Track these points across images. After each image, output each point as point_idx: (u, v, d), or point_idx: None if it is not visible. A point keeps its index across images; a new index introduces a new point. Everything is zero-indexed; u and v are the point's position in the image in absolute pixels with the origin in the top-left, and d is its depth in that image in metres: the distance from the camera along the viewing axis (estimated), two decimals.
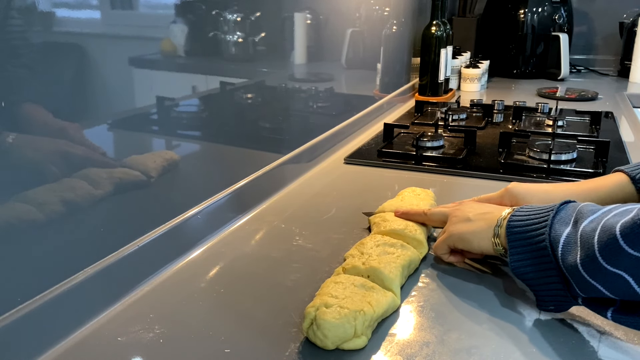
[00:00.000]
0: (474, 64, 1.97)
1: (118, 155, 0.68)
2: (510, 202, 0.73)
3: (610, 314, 0.54)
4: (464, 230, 0.67)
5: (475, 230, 0.66)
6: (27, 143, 0.56)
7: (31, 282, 0.56)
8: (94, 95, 0.65)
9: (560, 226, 0.57)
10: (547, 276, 0.58)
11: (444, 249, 0.71)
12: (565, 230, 0.56)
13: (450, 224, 0.70)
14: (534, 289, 0.61)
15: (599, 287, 0.52)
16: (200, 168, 0.85)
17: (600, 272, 0.51)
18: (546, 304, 0.60)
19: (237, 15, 0.92)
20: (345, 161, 1.17)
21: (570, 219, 0.57)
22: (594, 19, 2.46)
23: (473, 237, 0.66)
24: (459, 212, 0.70)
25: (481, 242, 0.65)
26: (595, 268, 0.52)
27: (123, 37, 0.69)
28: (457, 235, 0.68)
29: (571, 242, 0.55)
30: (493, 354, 0.55)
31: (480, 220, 0.67)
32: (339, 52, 1.39)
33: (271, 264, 0.74)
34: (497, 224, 0.64)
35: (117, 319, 0.61)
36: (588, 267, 0.52)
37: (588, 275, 0.53)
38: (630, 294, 0.51)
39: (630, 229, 0.49)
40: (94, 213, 0.64)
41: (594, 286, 0.53)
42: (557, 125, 1.38)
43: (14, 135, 0.54)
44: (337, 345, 0.55)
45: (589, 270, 0.52)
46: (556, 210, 0.59)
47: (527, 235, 0.59)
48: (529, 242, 0.59)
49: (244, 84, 0.98)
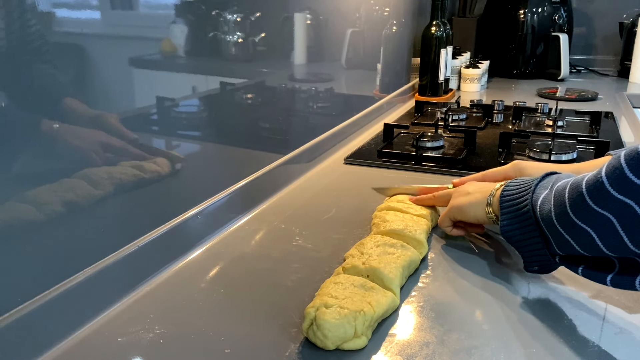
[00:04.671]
0: (474, 64, 1.97)
1: (118, 156, 0.68)
2: (516, 175, 0.78)
3: (581, 269, 0.59)
4: (462, 203, 0.75)
5: (472, 202, 0.74)
6: (27, 143, 0.56)
7: (31, 282, 0.56)
8: (94, 96, 0.65)
9: (540, 190, 0.63)
10: (530, 237, 0.63)
11: (446, 222, 0.79)
12: (543, 193, 0.62)
13: (452, 199, 0.78)
14: (520, 250, 0.66)
15: (571, 241, 0.57)
16: (200, 168, 0.85)
17: (570, 226, 0.56)
18: (531, 264, 0.66)
19: (237, 15, 0.92)
20: (345, 161, 1.17)
21: (549, 184, 0.62)
22: (593, 19, 2.46)
23: (469, 207, 0.74)
24: (461, 189, 0.78)
25: (477, 212, 0.73)
26: (566, 222, 0.56)
27: (123, 37, 0.69)
28: (456, 207, 0.76)
29: (547, 201, 0.60)
30: (493, 354, 0.55)
31: (477, 193, 0.74)
32: (339, 53, 1.39)
33: (271, 264, 0.74)
34: (491, 194, 0.71)
35: (117, 319, 0.61)
36: (560, 220, 0.57)
37: (561, 228, 0.57)
38: (596, 250, 0.54)
39: (594, 185, 0.52)
40: (94, 213, 0.64)
41: (567, 241, 0.57)
42: (557, 126, 1.38)
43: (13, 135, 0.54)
44: (337, 345, 0.55)
45: (561, 224, 0.57)
46: (540, 178, 0.65)
47: (515, 202, 0.66)
48: (516, 208, 0.65)
49: (244, 84, 0.98)
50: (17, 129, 0.55)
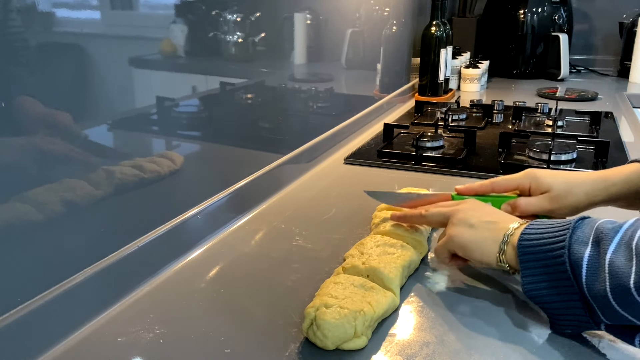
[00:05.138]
0: (474, 64, 1.98)
1: (118, 156, 0.68)
2: (531, 184, 0.70)
3: (639, 340, 0.52)
4: (465, 238, 0.63)
5: (479, 241, 0.62)
6: (27, 143, 0.56)
7: (31, 282, 0.56)
8: (94, 96, 0.65)
9: (580, 247, 0.53)
10: (566, 300, 0.54)
11: (444, 254, 0.67)
12: (585, 252, 0.53)
13: (452, 226, 0.66)
14: (550, 312, 0.57)
15: (629, 317, 0.50)
16: (200, 168, 0.85)
17: (633, 305, 0.49)
18: (562, 328, 0.57)
19: (237, 15, 0.92)
20: (345, 161, 1.17)
21: (589, 238, 0.54)
22: (593, 19, 2.46)
23: (476, 247, 0.62)
24: (461, 214, 0.66)
25: (484, 256, 0.62)
26: (628, 300, 0.49)
27: (123, 37, 0.69)
28: (459, 242, 0.64)
29: (596, 267, 0.52)
30: (493, 354, 0.55)
31: (484, 230, 0.63)
32: (338, 52, 1.39)
33: (271, 264, 0.74)
34: (504, 240, 0.60)
35: (117, 319, 0.61)
36: (620, 298, 0.49)
37: (619, 306, 0.50)
38: None
39: None
40: (94, 213, 0.64)
41: (623, 316, 0.50)
42: (557, 126, 1.38)
43: (13, 136, 0.54)
44: (337, 345, 0.55)
45: (621, 302, 0.50)
46: (573, 227, 0.55)
47: (543, 256, 0.55)
48: (544, 263, 0.55)
49: (244, 84, 0.98)
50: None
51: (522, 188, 0.71)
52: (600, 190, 0.67)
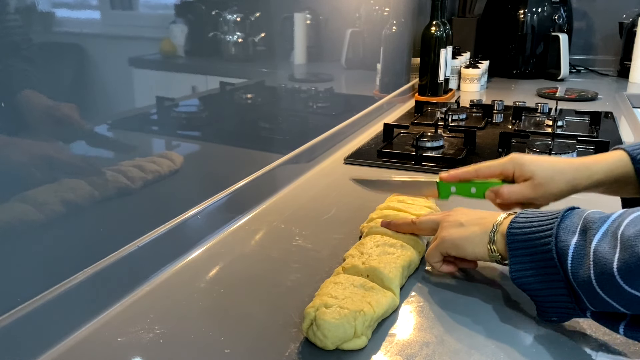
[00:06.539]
0: (474, 64, 1.98)
1: (118, 156, 0.68)
2: (515, 170, 0.70)
3: (623, 328, 0.52)
4: (456, 236, 0.65)
5: (469, 236, 0.64)
6: (27, 143, 0.56)
7: (31, 282, 0.56)
8: (93, 96, 0.65)
9: (567, 235, 0.54)
10: (552, 287, 0.55)
11: (436, 257, 0.68)
12: (572, 240, 0.53)
13: (442, 229, 0.67)
14: (536, 299, 0.58)
15: (613, 304, 0.50)
16: (200, 168, 0.85)
17: (617, 291, 0.49)
18: (548, 315, 0.58)
19: (237, 15, 0.92)
20: (345, 161, 1.17)
21: (577, 227, 0.54)
22: (593, 19, 2.46)
23: (467, 242, 0.64)
24: (451, 218, 0.67)
25: (475, 248, 0.63)
26: (612, 286, 0.49)
27: (123, 37, 0.69)
28: (450, 241, 0.65)
29: (582, 255, 0.52)
30: (493, 354, 0.55)
31: (473, 225, 0.64)
32: (338, 53, 1.39)
33: (271, 264, 0.74)
34: (493, 230, 0.61)
35: (117, 319, 0.61)
36: (604, 284, 0.50)
37: (603, 292, 0.50)
38: None
39: None
40: (94, 213, 0.64)
41: (607, 302, 0.50)
42: (557, 126, 1.38)
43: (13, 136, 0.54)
44: (337, 345, 0.55)
45: (604, 288, 0.50)
46: (561, 217, 0.56)
47: (530, 244, 0.56)
48: (532, 251, 0.56)
49: (244, 84, 0.98)
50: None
51: (506, 174, 0.70)
52: (584, 178, 0.67)
